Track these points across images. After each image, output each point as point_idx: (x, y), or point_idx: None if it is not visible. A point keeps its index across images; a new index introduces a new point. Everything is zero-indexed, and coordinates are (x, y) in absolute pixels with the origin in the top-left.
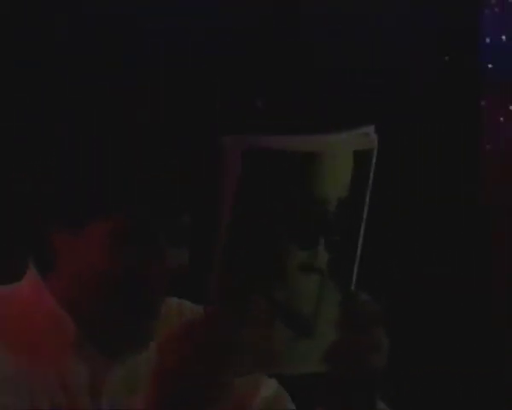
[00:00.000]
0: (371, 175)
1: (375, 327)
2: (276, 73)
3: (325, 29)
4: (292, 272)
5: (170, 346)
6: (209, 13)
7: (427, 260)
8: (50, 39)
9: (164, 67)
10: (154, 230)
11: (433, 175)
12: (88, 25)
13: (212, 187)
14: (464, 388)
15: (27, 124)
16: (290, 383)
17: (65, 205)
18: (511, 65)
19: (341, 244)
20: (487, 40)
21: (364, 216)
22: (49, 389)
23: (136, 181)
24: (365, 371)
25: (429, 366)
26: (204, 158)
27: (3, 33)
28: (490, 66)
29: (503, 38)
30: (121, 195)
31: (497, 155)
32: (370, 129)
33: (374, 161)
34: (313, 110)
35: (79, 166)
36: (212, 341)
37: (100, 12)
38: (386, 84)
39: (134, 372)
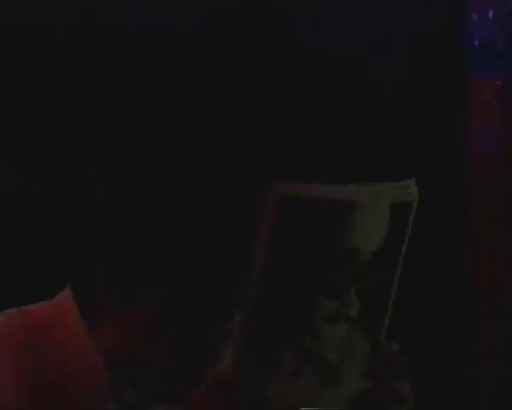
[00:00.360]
0: (409, 228)
1: (402, 380)
2: (313, 121)
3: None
4: (321, 321)
5: None
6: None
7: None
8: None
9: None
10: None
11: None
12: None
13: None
14: None
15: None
16: None
17: (116, 277)
18: (498, 42)
19: (373, 294)
20: (474, 17)
21: (399, 268)
22: None
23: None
24: None
25: None
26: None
27: None
28: (476, 42)
29: (490, 14)
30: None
31: (481, 137)
32: (411, 182)
33: (413, 214)
34: (352, 158)
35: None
36: (234, 401)
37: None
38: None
39: None
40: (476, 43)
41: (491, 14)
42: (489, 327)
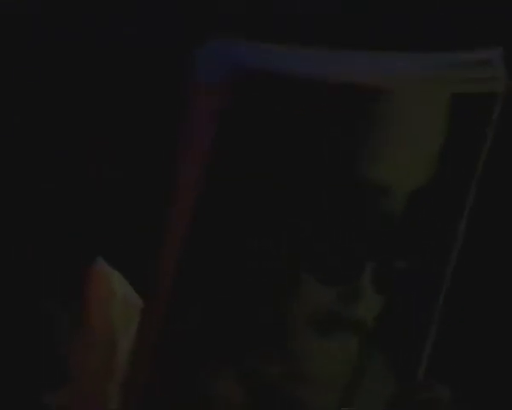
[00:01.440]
0: (487, 146)
1: None
2: None
3: None
4: (303, 328)
5: None
6: None
7: None
8: None
9: None
10: None
11: None
12: None
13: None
14: None
15: None
16: None
17: None
18: None
19: (409, 280)
20: None
21: (462, 226)
22: None
23: None
24: None
25: None
26: None
27: None
28: None
29: None
30: None
31: None
32: (494, 55)
33: (495, 116)
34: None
35: None
36: None
37: None
38: None
39: None
40: None
41: None
42: None
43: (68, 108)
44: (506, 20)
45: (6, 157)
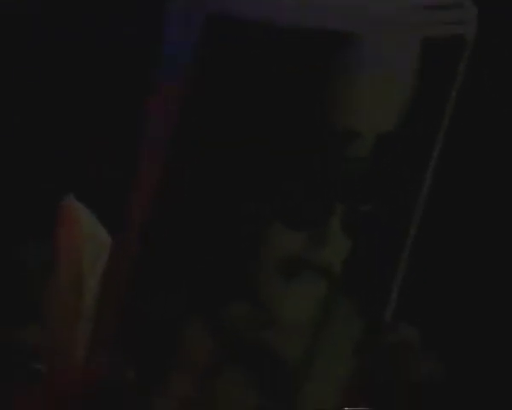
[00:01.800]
0: (454, 92)
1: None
2: None
3: None
4: (271, 274)
5: None
6: None
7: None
8: None
9: None
10: None
11: None
12: None
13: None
14: None
15: None
16: None
17: None
18: None
19: (376, 223)
20: None
21: (429, 171)
22: None
23: None
24: None
25: None
26: None
27: None
28: None
29: None
30: None
31: None
32: None
33: (464, 61)
34: None
35: None
36: None
37: None
38: None
39: None
40: None
41: None
42: None
43: (68, 108)
44: None
45: (6, 157)
